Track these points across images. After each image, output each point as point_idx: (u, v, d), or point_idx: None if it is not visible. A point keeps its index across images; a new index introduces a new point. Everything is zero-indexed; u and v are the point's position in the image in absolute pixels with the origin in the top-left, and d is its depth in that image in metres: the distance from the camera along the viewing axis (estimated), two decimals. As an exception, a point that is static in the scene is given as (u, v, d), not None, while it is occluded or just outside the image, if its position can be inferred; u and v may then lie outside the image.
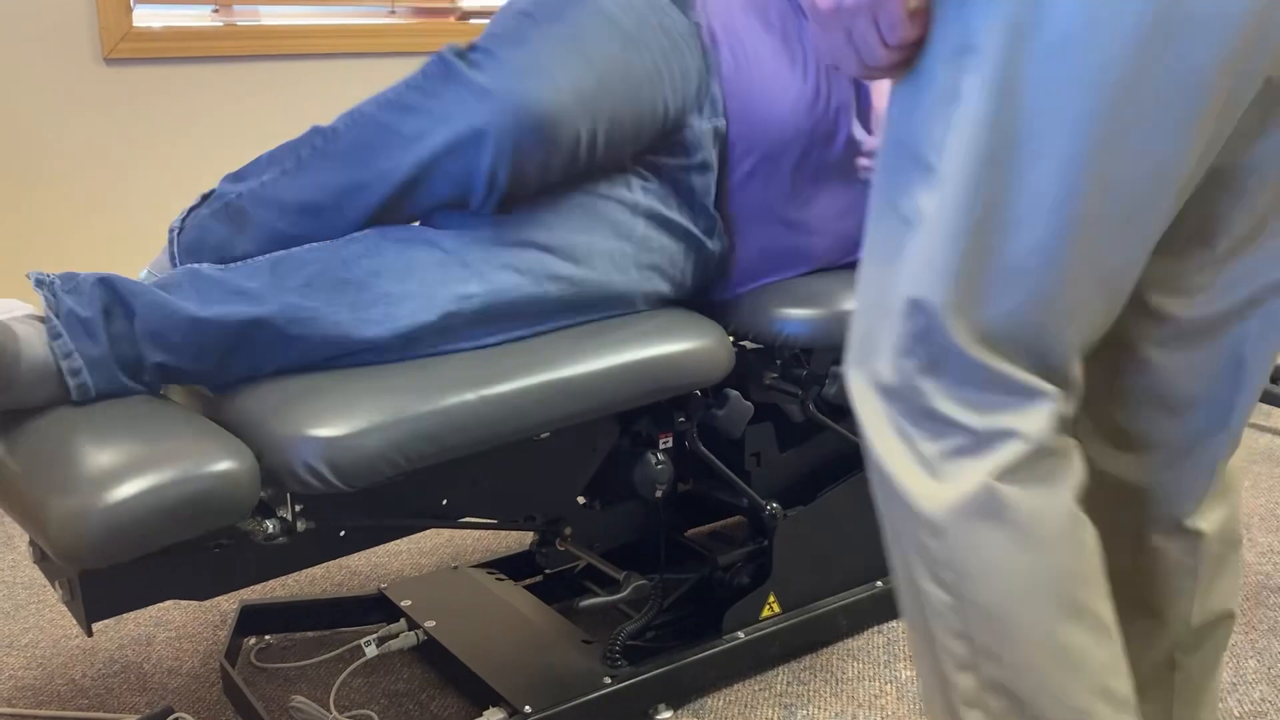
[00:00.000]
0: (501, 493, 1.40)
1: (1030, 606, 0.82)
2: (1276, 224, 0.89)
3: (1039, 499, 0.82)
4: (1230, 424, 0.95)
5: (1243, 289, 0.90)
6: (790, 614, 1.63)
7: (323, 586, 1.90)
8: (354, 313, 1.20)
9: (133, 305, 1.14)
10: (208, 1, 2.36)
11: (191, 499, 1.02)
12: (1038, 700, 0.83)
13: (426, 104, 1.25)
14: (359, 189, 1.25)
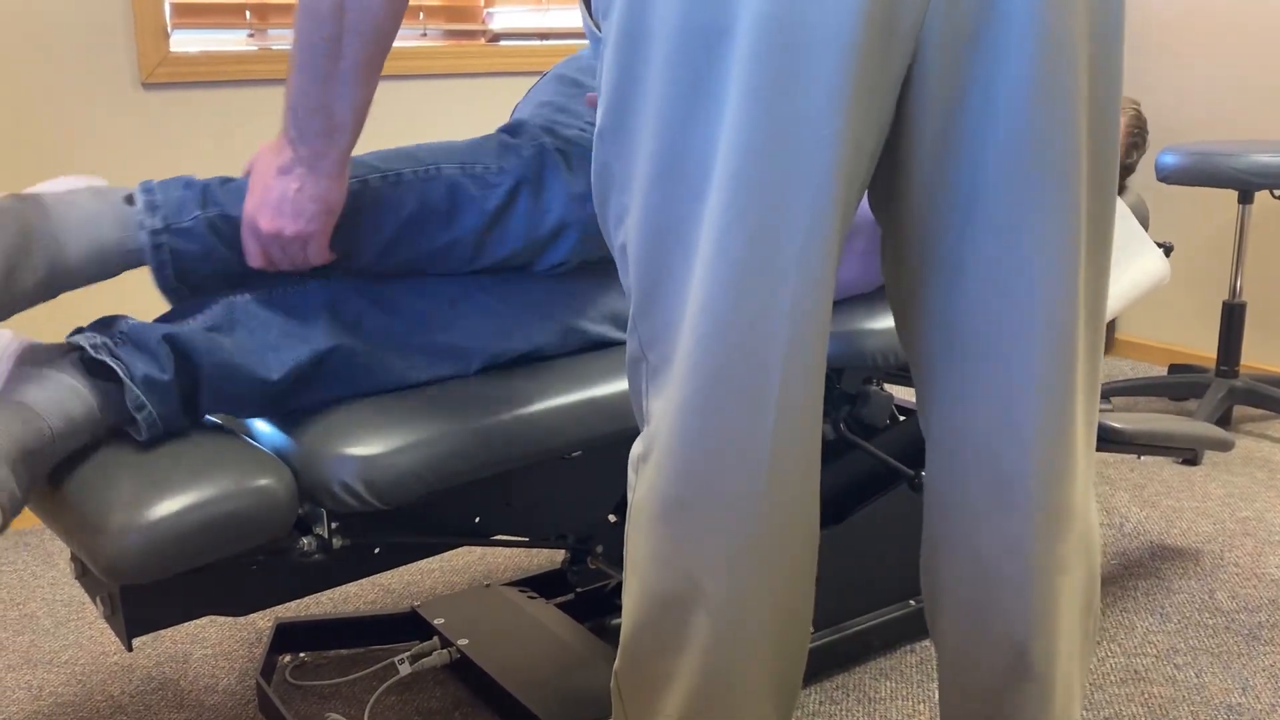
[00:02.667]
0: (533, 511, 1.40)
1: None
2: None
3: None
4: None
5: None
6: (822, 633, 1.62)
7: (356, 605, 1.91)
8: (405, 359, 1.24)
9: (199, 364, 1.14)
10: (243, 26, 2.40)
11: (232, 516, 1.03)
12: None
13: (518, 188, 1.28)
14: (445, 250, 1.27)
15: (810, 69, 0.81)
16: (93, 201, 1.14)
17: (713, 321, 0.86)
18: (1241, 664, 1.68)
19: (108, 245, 1.13)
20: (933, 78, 0.86)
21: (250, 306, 1.21)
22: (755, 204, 0.83)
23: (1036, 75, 0.84)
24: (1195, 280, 3.20)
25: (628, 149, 0.88)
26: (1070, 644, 1.00)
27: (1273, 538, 2.11)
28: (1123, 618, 1.82)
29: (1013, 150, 0.86)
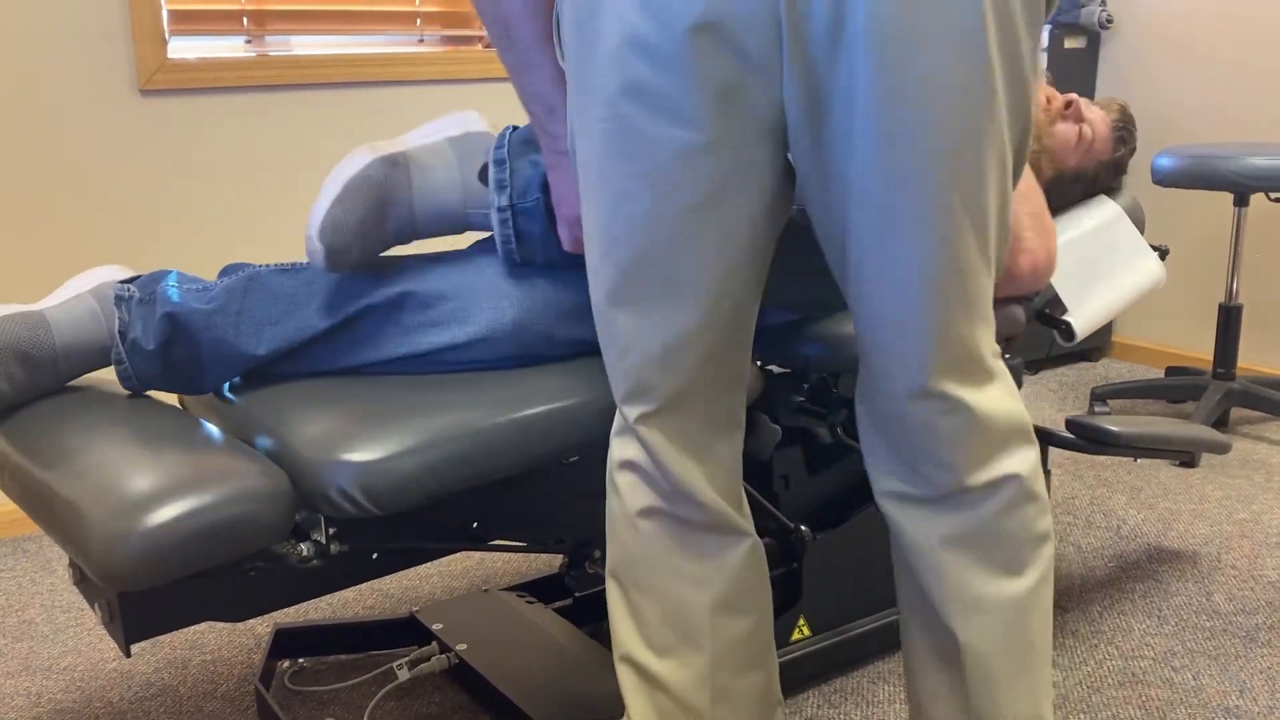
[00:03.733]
0: (531, 516, 1.41)
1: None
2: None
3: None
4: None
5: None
6: (820, 636, 1.63)
7: (355, 610, 1.92)
8: (408, 335, 1.29)
9: (196, 342, 1.26)
10: (241, 32, 2.40)
11: (229, 523, 1.03)
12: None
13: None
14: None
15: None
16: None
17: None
18: (1239, 666, 1.68)
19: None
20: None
21: (268, 277, 1.30)
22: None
23: (877, 81, 0.91)
24: (1191, 283, 3.21)
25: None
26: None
27: (1269, 540, 2.12)
28: (1120, 620, 1.82)
29: (871, 149, 0.93)
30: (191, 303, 1.25)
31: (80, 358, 1.27)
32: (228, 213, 2.41)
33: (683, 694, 1.10)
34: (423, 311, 1.27)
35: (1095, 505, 2.30)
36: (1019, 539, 1.05)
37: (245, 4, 2.39)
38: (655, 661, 1.10)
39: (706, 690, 1.10)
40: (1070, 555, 2.07)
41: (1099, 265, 1.84)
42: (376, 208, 1.24)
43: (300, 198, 2.49)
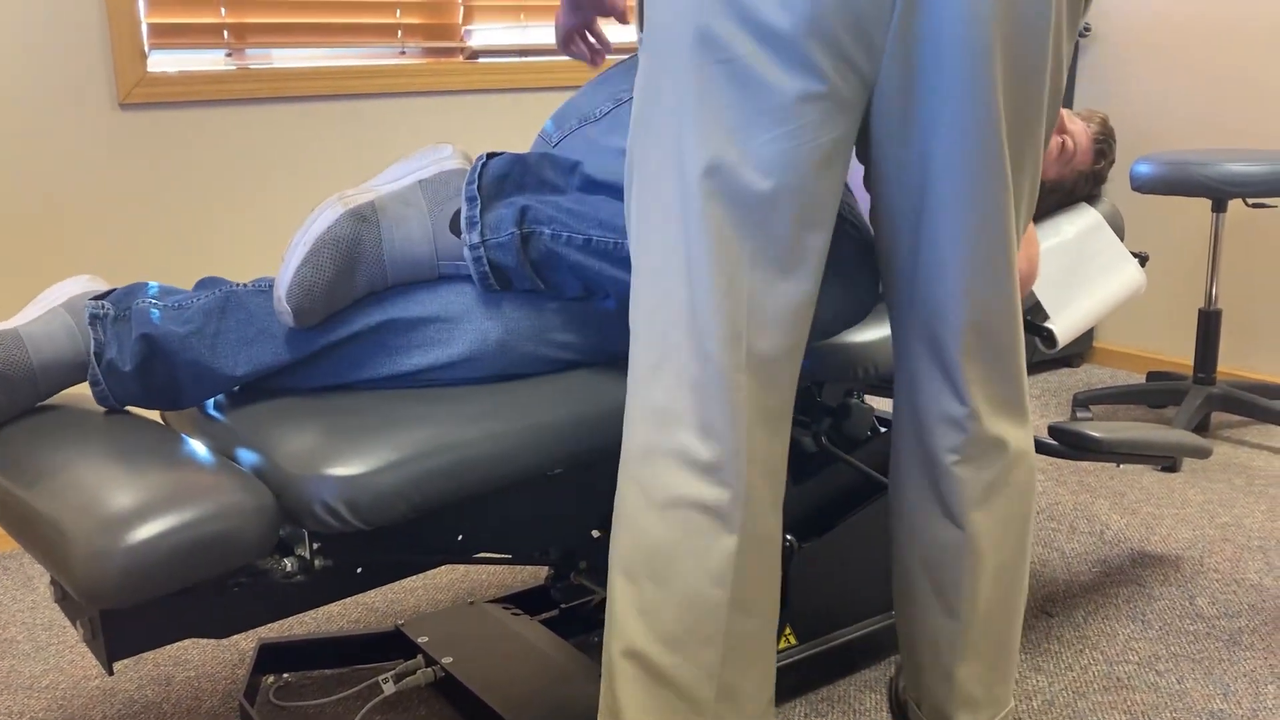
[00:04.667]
0: (516, 528, 1.40)
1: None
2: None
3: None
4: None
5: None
6: (806, 645, 1.63)
7: (340, 624, 1.91)
8: (391, 357, 1.28)
9: (173, 363, 1.24)
10: (221, 46, 2.40)
11: (212, 539, 1.03)
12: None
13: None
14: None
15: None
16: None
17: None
18: (1223, 670, 1.69)
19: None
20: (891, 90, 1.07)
21: (245, 296, 1.28)
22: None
23: (964, 83, 1.04)
24: (1172, 288, 3.23)
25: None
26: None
27: (1251, 543, 2.13)
28: (1105, 625, 1.83)
29: (953, 138, 1.07)
30: (168, 324, 1.23)
31: (58, 375, 1.26)
32: (208, 226, 2.41)
33: (688, 688, 1.09)
34: (405, 335, 1.27)
35: (1079, 511, 2.31)
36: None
37: (226, 17, 2.39)
38: (665, 654, 1.09)
39: (713, 685, 1.10)
40: (1054, 561, 2.07)
41: (1080, 272, 1.85)
42: (346, 266, 1.21)
43: (282, 211, 2.48)
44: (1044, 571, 2.03)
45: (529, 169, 1.31)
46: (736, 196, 1.03)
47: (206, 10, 2.36)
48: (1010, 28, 1.03)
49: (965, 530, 1.21)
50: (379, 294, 1.28)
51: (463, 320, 1.27)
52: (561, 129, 1.52)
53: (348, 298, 1.24)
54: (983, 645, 1.25)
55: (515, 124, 2.76)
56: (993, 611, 1.25)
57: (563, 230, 1.25)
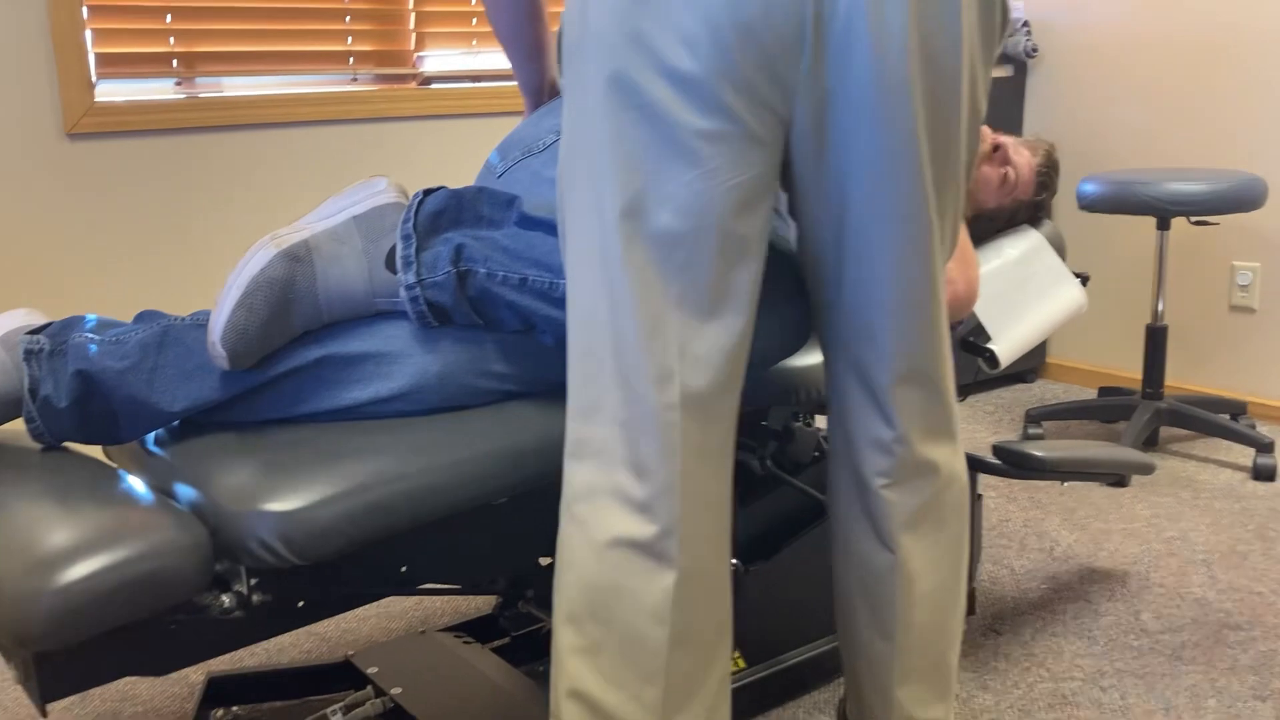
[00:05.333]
0: (461, 558, 1.40)
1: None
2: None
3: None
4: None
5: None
6: (756, 668, 1.64)
7: (291, 655, 1.90)
8: (331, 391, 1.28)
9: (110, 399, 1.23)
10: (170, 74, 2.39)
11: (144, 578, 1.03)
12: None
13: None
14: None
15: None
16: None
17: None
18: (1165, 684, 1.71)
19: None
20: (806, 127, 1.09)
21: (183, 331, 1.27)
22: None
23: (877, 120, 1.06)
24: (1121, 305, 3.28)
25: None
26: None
27: (1195, 556, 2.16)
28: (1052, 642, 1.85)
29: (870, 165, 1.08)
30: (105, 360, 1.23)
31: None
32: (158, 257, 2.40)
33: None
34: (345, 369, 1.26)
35: (1029, 528, 2.33)
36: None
37: (175, 46, 2.38)
38: (609, 694, 1.10)
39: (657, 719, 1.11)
40: (1004, 578, 2.10)
41: (1021, 293, 1.88)
42: (281, 308, 1.21)
43: (234, 241, 2.48)
44: (993, 589, 2.05)
45: (465, 204, 1.31)
46: (656, 239, 1.05)
47: (155, 40, 2.36)
48: (923, 64, 1.05)
49: (896, 554, 1.22)
50: (318, 330, 1.28)
51: (402, 355, 1.27)
52: (506, 160, 1.53)
53: (284, 337, 1.23)
54: (919, 666, 1.27)
55: (468, 149, 2.77)
56: (927, 633, 1.26)
57: (498, 269, 1.25)
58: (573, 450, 1.11)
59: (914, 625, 1.25)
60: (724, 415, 1.11)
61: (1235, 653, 1.80)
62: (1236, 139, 2.96)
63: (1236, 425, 2.62)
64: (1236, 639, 1.84)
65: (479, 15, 2.78)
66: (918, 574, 1.23)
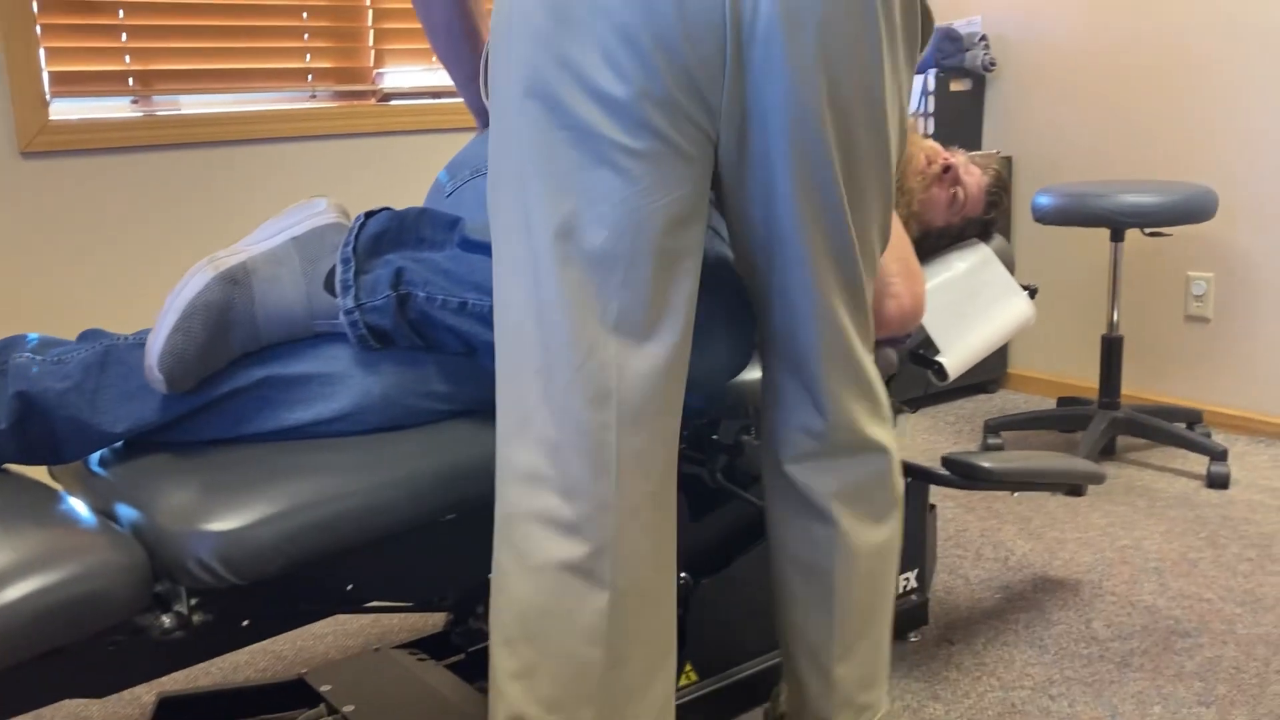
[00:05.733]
0: (408, 575, 1.40)
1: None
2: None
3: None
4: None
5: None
6: (707, 681, 1.64)
7: (246, 674, 1.89)
8: (275, 412, 1.27)
9: (51, 420, 1.22)
10: (126, 93, 2.39)
11: (76, 600, 1.02)
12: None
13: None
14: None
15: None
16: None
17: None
18: (1112, 691, 1.73)
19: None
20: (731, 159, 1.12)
21: (125, 351, 1.26)
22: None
23: (792, 155, 1.10)
24: (1079, 315, 3.32)
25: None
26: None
27: (1148, 564, 2.19)
28: (1003, 651, 1.87)
29: (788, 203, 1.12)
30: (45, 380, 1.22)
31: None
32: (114, 275, 2.39)
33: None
34: (287, 390, 1.26)
35: (985, 537, 2.35)
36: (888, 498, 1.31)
37: (131, 64, 2.38)
38: (544, 718, 1.11)
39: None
40: (959, 588, 2.11)
41: (970, 306, 1.90)
42: (218, 331, 1.20)
43: (190, 259, 2.47)
44: (948, 599, 2.07)
45: (406, 226, 1.32)
46: (589, 259, 1.06)
47: (110, 58, 2.35)
48: (835, 89, 1.07)
49: (835, 525, 1.26)
50: (261, 350, 1.28)
51: (344, 376, 1.27)
52: (455, 179, 1.53)
53: (222, 360, 1.23)
54: (858, 646, 1.31)
55: (428, 165, 2.78)
56: (866, 611, 1.30)
57: (438, 293, 1.26)
58: (502, 473, 1.12)
59: (853, 600, 1.29)
60: (667, 433, 1.13)
61: (1182, 659, 1.82)
62: (1188, 151, 3.00)
63: (1191, 434, 2.66)
64: (1183, 646, 1.87)
65: (388, 31, 2.79)
66: (856, 543, 1.27)
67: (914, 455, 2.89)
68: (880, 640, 1.33)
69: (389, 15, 2.70)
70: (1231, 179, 2.93)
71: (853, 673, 1.31)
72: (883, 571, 1.32)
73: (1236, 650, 1.85)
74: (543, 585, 1.09)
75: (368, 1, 2.66)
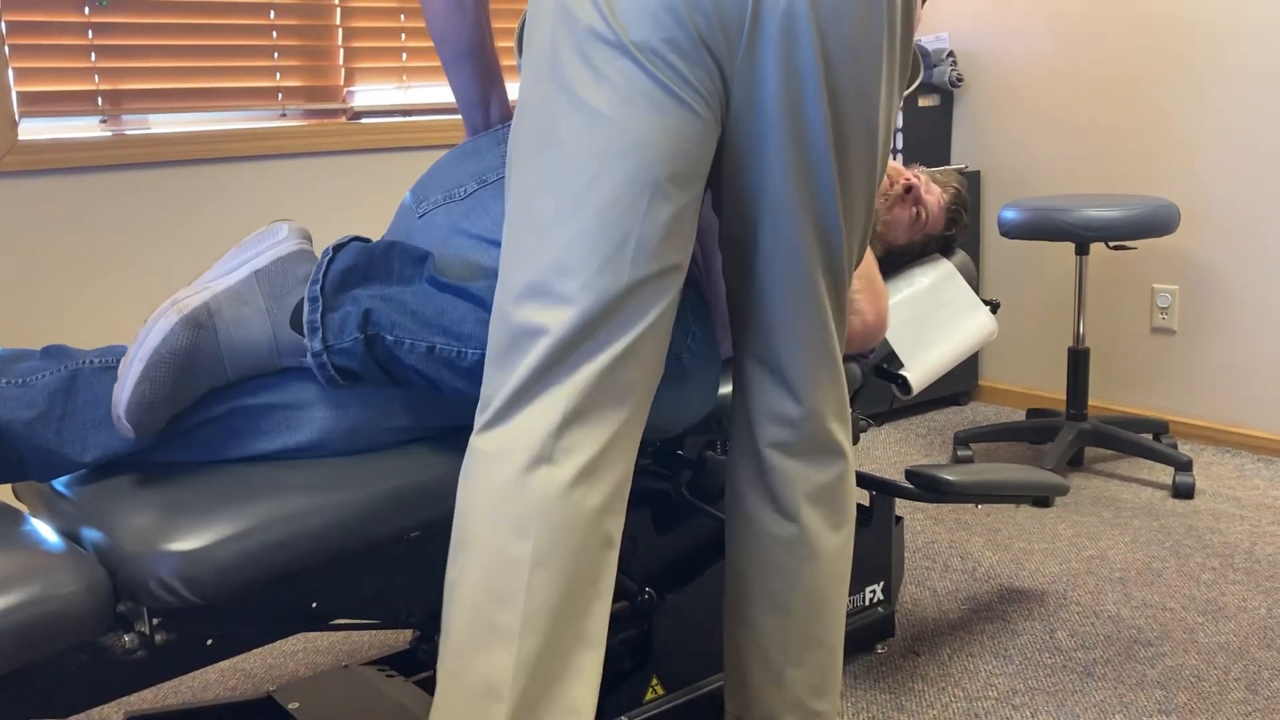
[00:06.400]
0: (373, 593, 1.41)
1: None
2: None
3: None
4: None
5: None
6: (674, 695, 1.66)
7: (216, 691, 1.89)
8: (241, 441, 1.28)
9: (19, 448, 1.22)
10: (95, 112, 2.40)
11: (40, 620, 1.03)
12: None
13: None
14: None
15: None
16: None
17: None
18: (1074, 701, 1.75)
19: None
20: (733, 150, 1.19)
21: (92, 375, 1.26)
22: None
23: (789, 162, 1.17)
24: (1046, 328, 3.35)
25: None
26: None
27: (1113, 575, 2.22)
28: (968, 661, 1.89)
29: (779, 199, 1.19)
30: (12, 409, 1.21)
31: None
32: (84, 295, 2.39)
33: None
34: (254, 420, 1.27)
35: (953, 548, 2.38)
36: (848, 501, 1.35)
37: (100, 84, 2.39)
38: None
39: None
40: (925, 600, 2.13)
41: (932, 321, 1.93)
42: (185, 376, 1.19)
43: (163, 278, 2.48)
44: (915, 611, 2.09)
45: (375, 260, 1.31)
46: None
47: (79, 78, 2.36)
48: (836, 91, 1.15)
49: (800, 523, 1.30)
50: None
51: (311, 406, 1.28)
52: (425, 202, 1.52)
53: (190, 400, 1.23)
54: (812, 651, 1.33)
55: (398, 182, 2.79)
56: (823, 614, 1.33)
57: (405, 336, 1.25)
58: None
59: (812, 602, 1.32)
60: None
61: (1144, 668, 1.85)
62: (1152, 166, 3.05)
63: (1157, 444, 2.69)
64: (1146, 655, 1.89)
65: (409, 50, 2.81)
66: (819, 546, 1.31)
67: (884, 467, 2.91)
68: (834, 649, 1.36)
69: (359, 34, 2.72)
70: (1194, 193, 2.98)
71: (806, 678, 1.34)
72: (839, 584, 1.34)
73: (1198, 659, 1.87)
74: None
75: (338, 20, 2.68)
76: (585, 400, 1.10)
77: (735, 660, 1.39)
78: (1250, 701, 1.74)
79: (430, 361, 1.26)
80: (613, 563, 1.15)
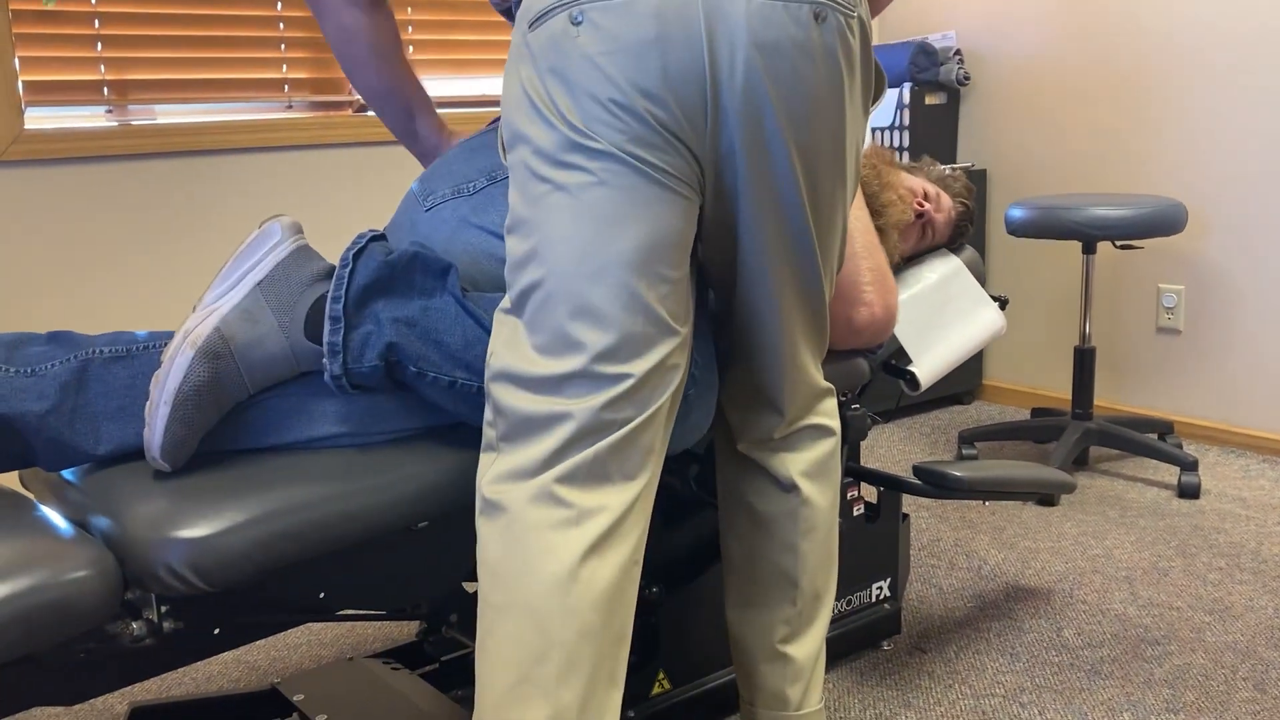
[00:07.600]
0: (382, 583, 1.41)
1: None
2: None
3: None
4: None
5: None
6: (681, 689, 1.65)
7: (220, 683, 1.89)
8: (251, 433, 1.28)
9: (30, 441, 1.21)
10: (102, 102, 2.39)
11: (48, 607, 1.02)
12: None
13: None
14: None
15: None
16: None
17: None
18: (1082, 699, 1.75)
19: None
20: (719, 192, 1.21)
21: (102, 367, 1.24)
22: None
23: (767, 226, 1.21)
24: (1052, 327, 3.35)
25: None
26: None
27: (1119, 573, 2.21)
28: (975, 659, 1.88)
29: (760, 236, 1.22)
30: (23, 402, 1.20)
31: None
32: (89, 285, 2.38)
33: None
34: (268, 415, 1.25)
35: (959, 547, 2.37)
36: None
37: (106, 74, 2.38)
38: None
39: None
40: (932, 598, 2.13)
41: (941, 317, 1.92)
42: (213, 406, 1.20)
43: (167, 268, 2.47)
44: (921, 608, 2.08)
45: (398, 274, 1.28)
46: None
47: (85, 68, 2.35)
48: (801, 136, 1.16)
49: (800, 493, 1.36)
50: None
51: (324, 401, 1.27)
52: (433, 194, 1.50)
53: (217, 420, 1.23)
54: (810, 628, 1.40)
55: (404, 175, 2.79)
56: (818, 583, 1.39)
57: (429, 369, 1.25)
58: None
59: (812, 566, 1.38)
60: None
61: (1151, 667, 1.84)
62: (1159, 165, 3.04)
63: (1163, 444, 2.68)
64: (1153, 654, 1.89)
65: (414, 42, 2.81)
66: (818, 514, 1.37)
67: (888, 465, 2.90)
68: (824, 624, 1.42)
69: (367, 26, 2.71)
70: (1201, 193, 2.97)
71: (808, 651, 1.41)
72: (830, 559, 1.41)
73: (1205, 658, 1.86)
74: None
75: (345, 12, 2.67)
76: (607, 464, 1.14)
77: (741, 647, 1.43)
78: (1258, 701, 1.73)
79: (450, 394, 1.27)
80: (634, 601, 1.18)
